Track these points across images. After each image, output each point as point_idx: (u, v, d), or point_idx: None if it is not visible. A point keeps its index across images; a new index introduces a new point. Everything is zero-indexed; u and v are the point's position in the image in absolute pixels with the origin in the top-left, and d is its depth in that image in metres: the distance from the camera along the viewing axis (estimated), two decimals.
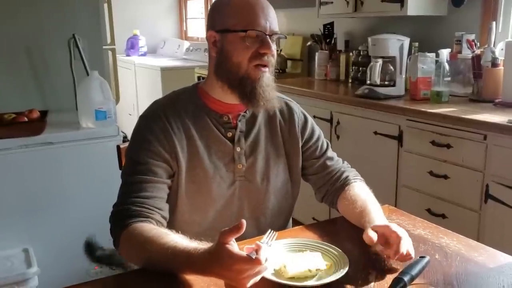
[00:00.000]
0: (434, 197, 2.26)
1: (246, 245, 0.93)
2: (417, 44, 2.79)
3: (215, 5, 1.25)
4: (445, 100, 2.46)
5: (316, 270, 0.98)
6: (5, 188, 2.02)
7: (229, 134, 1.26)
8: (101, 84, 2.21)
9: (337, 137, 2.80)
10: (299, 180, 1.38)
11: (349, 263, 1.00)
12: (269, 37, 1.18)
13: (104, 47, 2.82)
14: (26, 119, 2.12)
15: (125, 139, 2.23)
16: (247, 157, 1.27)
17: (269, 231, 1.05)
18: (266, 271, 0.94)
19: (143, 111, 1.27)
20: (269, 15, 1.19)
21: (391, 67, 2.66)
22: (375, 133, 2.55)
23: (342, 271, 0.98)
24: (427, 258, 1.00)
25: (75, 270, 2.09)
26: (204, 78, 1.31)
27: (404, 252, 1.01)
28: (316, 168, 1.37)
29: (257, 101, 1.20)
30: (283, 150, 1.33)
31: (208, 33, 1.24)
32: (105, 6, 2.87)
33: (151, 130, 1.20)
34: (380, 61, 2.62)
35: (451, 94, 2.53)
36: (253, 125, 1.30)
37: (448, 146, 2.17)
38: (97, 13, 2.73)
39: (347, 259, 1.02)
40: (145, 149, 1.18)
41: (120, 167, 1.42)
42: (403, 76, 2.69)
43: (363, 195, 1.28)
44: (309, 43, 3.78)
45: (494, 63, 2.40)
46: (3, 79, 2.49)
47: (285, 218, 1.39)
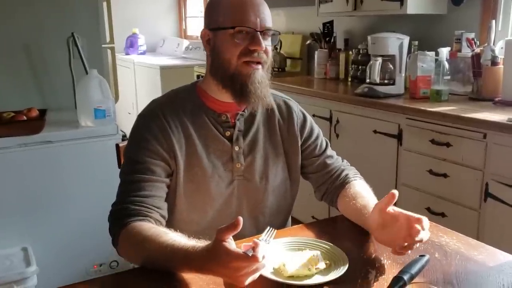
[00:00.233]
0: (434, 195, 2.26)
1: (243, 243, 0.92)
2: (416, 43, 2.79)
3: (209, 4, 1.25)
4: (444, 99, 2.46)
5: (316, 268, 0.98)
6: (4, 187, 2.02)
7: (228, 133, 1.26)
8: (100, 83, 2.21)
9: (337, 135, 2.80)
10: (298, 179, 1.38)
11: (348, 262, 1.00)
12: (261, 33, 1.17)
13: (103, 45, 2.82)
14: (25, 117, 2.11)
15: (124, 137, 2.22)
16: (245, 156, 1.27)
17: (268, 228, 1.05)
18: (265, 269, 0.94)
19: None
20: (260, 11, 1.17)
21: (391, 66, 2.66)
22: (375, 131, 2.54)
23: (341, 269, 0.97)
24: (426, 257, 1.00)
25: (74, 269, 2.09)
26: (203, 77, 1.31)
27: (421, 239, 0.98)
28: (316, 167, 1.37)
29: (248, 99, 1.19)
30: (282, 149, 1.33)
31: (202, 31, 1.24)
32: (104, 4, 2.86)
33: (149, 129, 1.20)
34: (379, 59, 2.62)
35: (450, 93, 2.53)
36: (251, 124, 1.29)
37: (447, 145, 2.17)
38: (96, 11, 2.73)
39: (347, 257, 1.02)
40: (143, 148, 1.18)
41: (119, 166, 1.42)
42: (403, 75, 2.69)
43: (363, 193, 1.27)
44: (308, 41, 3.78)
45: (494, 62, 2.40)
46: (2, 78, 2.49)
47: (284, 217, 1.39)
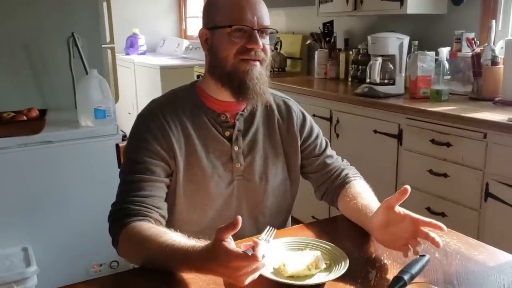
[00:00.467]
0: (434, 195, 2.26)
1: (243, 242, 0.92)
2: (416, 43, 2.79)
3: (206, 3, 1.26)
4: (444, 99, 2.46)
5: (316, 268, 0.98)
6: (4, 187, 2.02)
7: (227, 133, 1.26)
8: (100, 83, 2.21)
9: (337, 135, 2.79)
10: (298, 178, 1.38)
11: (348, 262, 1.00)
12: (258, 32, 1.17)
13: (103, 45, 2.82)
14: (25, 117, 2.11)
15: (124, 137, 2.22)
16: (245, 156, 1.27)
17: (268, 227, 1.05)
18: (265, 269, 0.93)
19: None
20: (257, 10, 1.18)
21: (391, 66, 2.66)
22: (375, 131, 2.54)
23: (341, 269, 0.97)
24: (427, 257, 0.99)
25: (74, 269, 2.09)
26: (202, 77, 1.31)
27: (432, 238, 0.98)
28: (316, 167, 1.36)
29: (247, 95, 1.19)
30: (281, 149, 1.33)
31: (200, 31, 1.25)
32: (104, 4, 2.86)
33: (149, 129, 1.20)
34: (379, 59, 2.62)
35: (450, 93, 2.53)
36: (251, 124, 1.29)
37: (448, 145, 2.17)
38: (96, 11, 2.73)
39: (347, 257, 1.01)
40: (143, 148, 1.18)
41: (119, 166, 1.41)
42: (403, 75, 2.68)
43: (364, 193, 1.27)
44: (308, 41, 3.78)
45: (494, 62, 2.40)
46: (2, 78, 2.49)
47: (284, 217, 1.39)
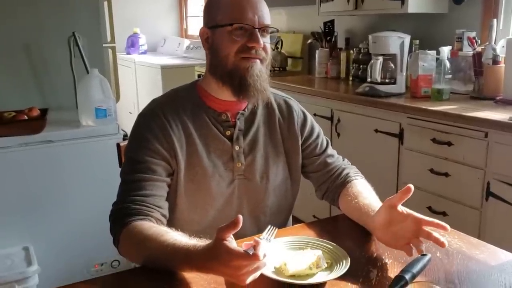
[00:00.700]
0: (435, 194, 2.25)
1: (244, 242, 0.92)
2: (417, 42, 2.79)
3: (207, 2, 1.26)
4: (446, 98, 2.46)
5: (317, 268, 0.98)
6: (5, 186, 2.02)
7: (228, 133, 1.26)
8: (101, 82, 2.21)
9: (338, 135, 2.79)
10: (299, 178, 1.38)
11: (350, 261, 1.00)
12: (259, 31, 1.17)
13: (104, 45, 2.81)
14: (26, 117, 2.11)
15: (125, 137, 2.22)
16: (246, 155, 1.27)
17: (269, 227, 1.05)
18: (267, 268, 0.93)
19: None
20: (258, 8, 1.18)
21: (392, 65, 2.66)
22: (376, 131, 2.54)
23: (343, 269, 0.97)
24: (428, 256, 0.99)
25: (75, 268, 2.09)
26: (203, 76, 1.31)
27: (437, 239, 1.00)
28: (317, 166, 1.36)
29: (248, 92, 1.19)
30: (282, 148, 1.33)
31: (200, 30, 1.25)
32: (105, 4, 2.86)
33: (149, 129, 1.20)
34: (380, 58, 2.62)
35: (452, 92, 2.53)
36: (252, 123, 1.29)
37: (449, 144, 2.16)
38: (97, 11, 2.73)
39: (348, 256, 1.01)
40: (144, 147, 1.18)
41: (120, 165, 1.41)
42: (404, 74, 2.68)
43: (365, 192, 1.27)
44: (309, 41, 3.77)
45: (495, 61, 2.40)
46: (3, 77, 2.49)
47: (285, 216, 1.39)
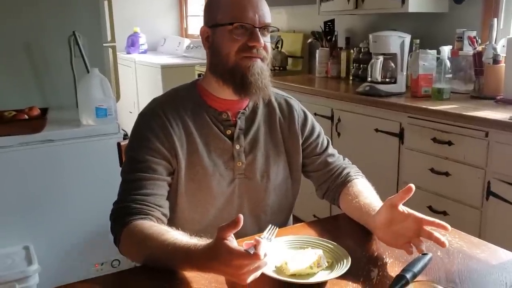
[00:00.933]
0: (436, 194, 2.25)
1: (245, 241, 0.92)
2: (418, 41, 2.78)
3: (208, 2, 1.27)
4: (446, 97, 2.46)
5: (318, 267, 0.98)
6: (5, 185, 2.02)
7: (228, 132, 1.26)
8: (101, 82, 2.21)
9: (338, 134, 2.79)
10: (299, 177, 1.38)
11: (350, 260, 1.00)
12: (260, 30, 1.17)
13: (104, 44, 2.81)
14: (26, 116, 2.11)
15: (125, 136, 2.22)
16: (246, 154, 1.27)
17: (270, 226, 1.05)
18: (267, 268, 0.93)
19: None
20: (258, 7, 1.18)
21: (392, 64, 2.66)
22: (376, 130, 2.54)
23: (343, 268, 0.97)
24: (429, 255, 0.99)
25: (75, 268, 2.09)
26: (203, 75, 1.31)
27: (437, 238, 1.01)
28: (317, 165, 1.36)
29: (249, 90, 1.19)
30: (283, 147, 1.33)
31: (201, 29, 1.25)
32: (105, 3, 2.86)
33: (150, 128, 1.20)
34: (381, 58, 2.62)
35: (452, 91, 2.52)
36: (252, 122, 1.29)
37: (449, 143, 2.16)
38: (97, 10, 2.73)
39: (349, 256, 1.01)
40: (144, 146, 1.18)
41: (121, 165, 1.41)
42: (404, 73, 2.68)
43: (366, 191, 1.27)
44: (309, 40, 3.77)
45: (496, 60, 2.39)
46: (3, 77, 2.48)
47: (285, 216, 1.39)
